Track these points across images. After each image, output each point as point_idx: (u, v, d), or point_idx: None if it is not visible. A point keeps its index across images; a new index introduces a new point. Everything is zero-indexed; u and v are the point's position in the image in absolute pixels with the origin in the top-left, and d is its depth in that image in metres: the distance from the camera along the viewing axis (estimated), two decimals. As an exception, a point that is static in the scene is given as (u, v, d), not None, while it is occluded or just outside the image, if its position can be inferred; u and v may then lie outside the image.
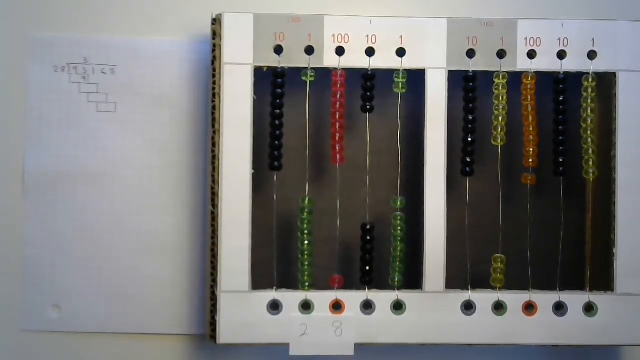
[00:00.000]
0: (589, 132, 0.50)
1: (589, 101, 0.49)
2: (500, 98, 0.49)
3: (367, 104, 0.49)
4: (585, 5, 0.54)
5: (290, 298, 0.49)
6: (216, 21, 0.49)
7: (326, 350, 0.48)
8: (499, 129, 0.50)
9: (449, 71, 0.49)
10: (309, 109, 0.49)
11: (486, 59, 0.49)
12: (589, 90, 0.49)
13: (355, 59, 0.49)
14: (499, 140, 0.50)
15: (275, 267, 0.49)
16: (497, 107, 0.50)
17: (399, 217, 0.50)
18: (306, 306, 0.49)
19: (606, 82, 0.50)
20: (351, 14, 0.49)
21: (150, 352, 0.53)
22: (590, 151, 0.49)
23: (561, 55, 0.49)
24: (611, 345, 0.50)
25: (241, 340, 0.48)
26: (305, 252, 0.49)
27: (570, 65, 0.49)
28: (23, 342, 0.53)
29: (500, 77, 0.49)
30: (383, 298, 0.49)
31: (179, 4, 0.54)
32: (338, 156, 0.49)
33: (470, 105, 0.49)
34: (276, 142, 0.49)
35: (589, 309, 0.49)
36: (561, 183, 0.50)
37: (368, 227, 0.50)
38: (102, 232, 0.53)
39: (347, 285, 0.49)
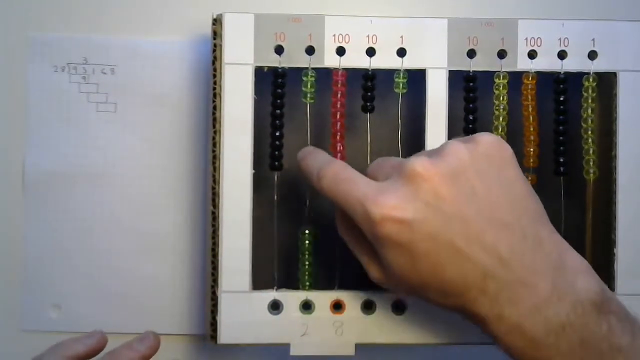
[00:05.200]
0: (589, 132, 0.50)
1: (590, 101, 0.49)
2: (501, 98, 0.49)
3: (368, 104, 0.49)
4: (586, 5, 0.54)
5: (291, 298, 0.49)
6: (216, 21, 0.48)
7: (326, 350, 0.48)
8: (500, 129, 0.50)
9: (450, 71, 0.49)
10: (310, 109, 0.49)
11: (487, 59, 0.49)
12: (590, 90, 0.49)
13: (356, 59, 0.49)
14: (499, 140, 0.50)
15: (275, 267, 0.49)
16: (497, 107, 0.50)
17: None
18: (306, 306, 0.49)
19: (606, 82, 0.50)
20: (351, 14, 0.49)
21: (151, 352, 0.53)
22: (591, 151, 0.50)
23: (562, 55, 0.49)
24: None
25: (241, 341, 0.48)
26: (306, 252, 0.49)
27: (570, 65, 0.49)
28: (23, 342, 0.53)
29: (501, 77, 0.49)
30: (383, 298, 0.49)
31: (179, 4, 0.54)
32: (339, 155, 0.49)
33: (471, 105, 0.49)
34: (276, 142, 0.49)
35: (590, 308, 0.49)
36: (561, 183, 0.50)
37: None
38: (102, 232, 0.53)
39: (347, 285, 0.49)
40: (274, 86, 0.49)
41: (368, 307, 0.49)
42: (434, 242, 0.39)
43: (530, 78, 0.49)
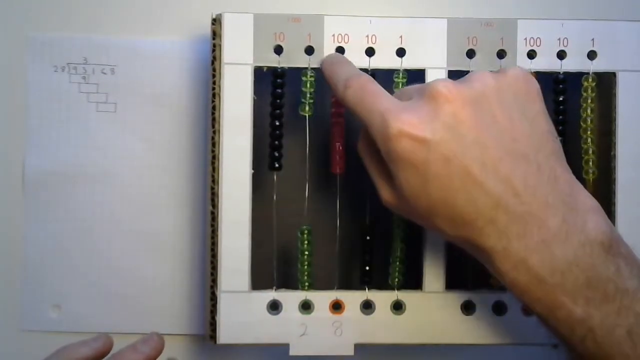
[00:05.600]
0: (589, 132, 0.50)
1: (589, 101, 0.49)
2: (500, 98, 0.49)
3: (367, 104, 0.49)
4: (585, 5, 0.54)
5: (290, 298, 0.49)
6: (216, 21, 0.48)
7: (326, 350, 0.48)
8: (499, 129, 0.50)
9: (449, 71, 0.49)
10: (309, 109, 0.49)
11: (486, 59, 0.49)
12: (589, 90, 0.49)
13: (355, 59, 0.49)
14: (499, 140, 0.50)
15: (275, 267, 0.49)
16: (497, 107, 0.50)
17: (399, 217, 0.50)
18: (306, 306, 0.49)
19: (606, 82, 0.50)
20: (351, 14, 0.49)
21: (150, 352, 0.53)
22: (590, 151, 0.49)
23: (561, 55, 0.49)
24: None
25: (241, 341, 0.48)
26: (305, 252, 0.49)
27: (570, 65, 0.49)
28: (23, 342, 0.53)
29: (500, 77, 0.49)
30: (383, 298, 0.49)
31: (179, 4, 0.54)
32: (338, 156, 0.49)
33: (470, 105, 0.49)
34: (276, 142, 0.49)
35: (589, 309, 0.49)
36: (561, 183, 0.50)
37: (368, 226, 0.50)
38: (102, 232, 0.53)
39: (347, 285, 0.49)
40: (273, 86, 0.49)
41: (367, 307, 0.49)
42: (448, 165, 0.39)
43: (529, 78, 0.49)
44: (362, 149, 0.45)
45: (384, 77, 0.49)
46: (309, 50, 0.49)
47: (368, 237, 0.50)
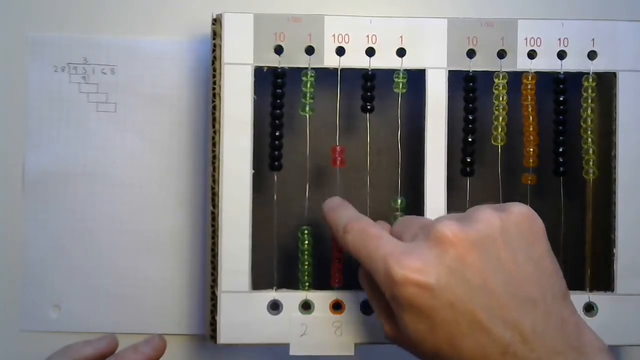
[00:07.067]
0: (589, 132, 0.50)
1: (589, 101, 0.49)
2: (501, 98, 0.49)
3: (368, 104, 0.49)
4: (585, 5, 0.54)
5: (290, 298, 0.49)
6: (216, 21, 0.48)
7: (326, 350, 0.48)
8: (499, 129, 0.50)
9: (449, 71, 0.49)
10: (309, 110, 0.49)
11: (486, 59, 0.49)
12: (589, 90, 0.49)
13: (356, 59, 0.49)
14: (499, 141, 0.50)
15: (275, 267, 0.49)
16: (497, 107, 0.50)
17: (399, 217, 0.49)
18: (306, 306, 0.49)
19: (606, 82, 0.50)
20: (351, 14, 0.49)
21: (150, 352, 0.53)
22: (590, 151, 0.49)
23: (561, 55, 0.49)
24: (611, 345, 0.50)
25: (241, 341, 0.48)
26: (305, 252, 0.49)
27: (570, 65, 0.49)
28: (23, 342, 0.53)
29: (501, 77, 0.49)
30: (383, 298, 0.49)
31: (179, 4, 0.54)
32: (339, 159, 0.49)
33: (471, 105, 0.49)
34: (276, 142, 0.49)
35: (589, 309, 0.49)
36: (561, 183, 0.50)
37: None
38: (102, 232, 0.53)
39: (347, 286, 0.49)
40: (274, 86, 0.49)
41: (367, 307, 0.49)
42: (454, 310, 0.38)
43: (529, 78, 0.49)
44: (364, 284, 0.44)
45: (384, 77, 0.49)
46: (309, 50, 0.49)
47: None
